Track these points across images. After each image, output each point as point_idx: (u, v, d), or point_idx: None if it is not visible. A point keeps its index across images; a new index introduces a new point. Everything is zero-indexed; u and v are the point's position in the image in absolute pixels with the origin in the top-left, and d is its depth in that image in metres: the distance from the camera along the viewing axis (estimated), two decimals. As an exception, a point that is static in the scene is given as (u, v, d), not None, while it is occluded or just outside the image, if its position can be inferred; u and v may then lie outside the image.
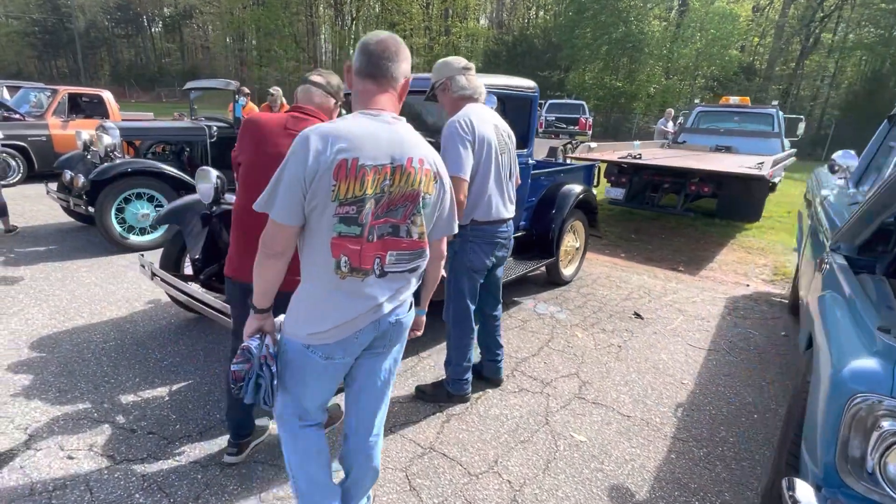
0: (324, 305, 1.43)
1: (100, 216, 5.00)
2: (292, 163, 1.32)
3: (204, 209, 3.47)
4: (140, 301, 4.09)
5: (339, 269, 1.39)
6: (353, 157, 1.32)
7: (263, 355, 1.48)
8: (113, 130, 5.35)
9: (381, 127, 1.40)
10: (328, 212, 1.34)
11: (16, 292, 4.11)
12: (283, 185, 1.32)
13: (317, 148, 1.30)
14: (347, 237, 1.37)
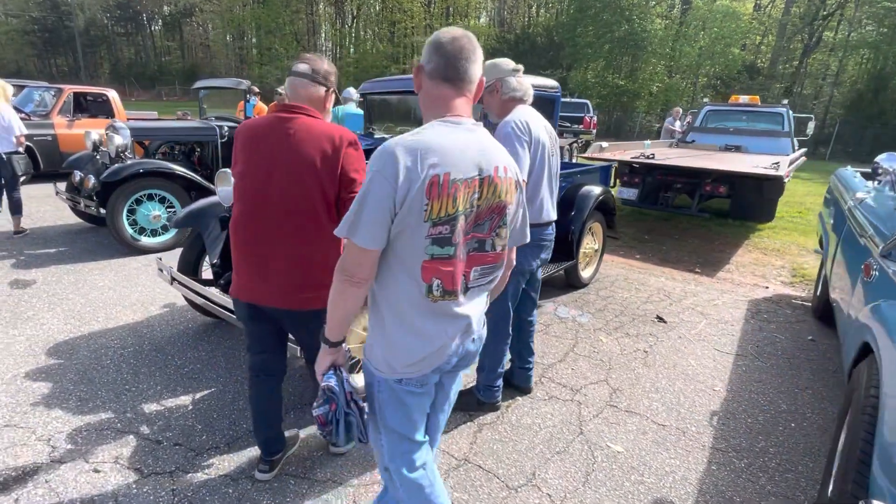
0: (415, 335, 1.32)
1: (111, 218, 4.92)
2: (378, 182, 1.19)
3: (223, 212, 3.40)
4: (155, 305, 4.01)
5: (431, 294, 1.28)
6: (444, 173, 1.20)
7: (349, 391, 1.37)
8: (123, 130, 5.27)
9: (465, 136, 1.28)
10: (420, 233, 1.22)
11: (29, 296, 4.03)
12: (369, 207, 1.19)
13: (406, 164, 1.18)
14: (440, 259, 1.26)
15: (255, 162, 1.87)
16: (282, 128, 1.84)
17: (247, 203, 1.90)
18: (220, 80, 6.76)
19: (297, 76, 1.92)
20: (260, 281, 1.92)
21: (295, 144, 1.82)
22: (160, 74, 49.35)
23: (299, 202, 1.83)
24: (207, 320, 3.76)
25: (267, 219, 1.86)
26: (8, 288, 4.17)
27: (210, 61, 53.57)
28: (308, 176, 1.81)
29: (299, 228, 1.85)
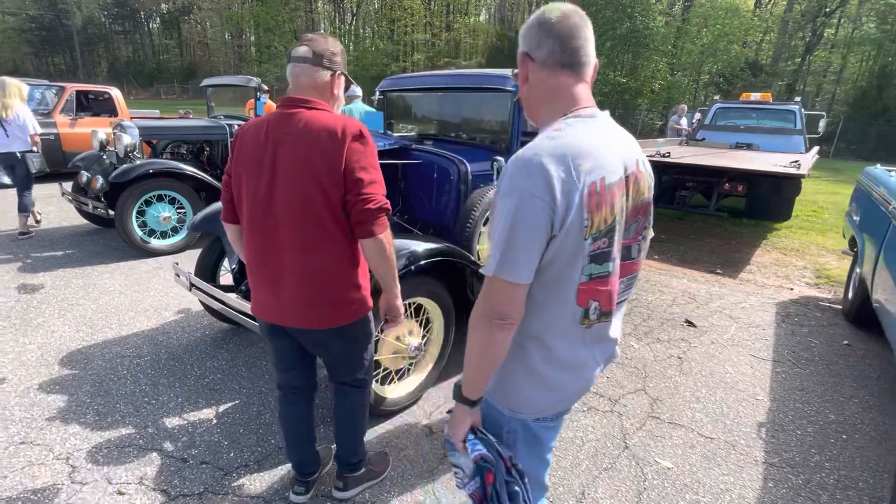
0: (567, 368, 1.16)
1: (120, 219, 4.78)
2: (527, 203, 0.98)
3: (242, 214, 3.25)
4: (169, 310, 3.87)
5: (587, 318, 1.11)
6: (600, 178, 1.02)
7: (507, 456, 1.15)
8: (132, 130, 5.12)
9: (604, 131, 1.09)
10: (580, 254, 1.04)
11: (38, 302, 3.89)
12: (522, 236, 0.99)
13: (560, 176, 0.98)
14: (599, 278, 1.08)
15: (253, 167, 1.64)
16: (280, 126, 1.61)
17: (249, 214, 1.68)
18: (230, 78, 6.60)
19: (295, 62, 1.64)
20: (273, 298, 1.73)
21: (293, 144, 1.58)
22: (158, 72, 49.10)
23: (302, 210, 1.60)
24: (225, 326, 3.62)
25: (271, 231, 1.65)
26: (16, 293, 4.03)
27: (209, 59, 53.31)
28: (307, 179, 1.57)
29: (306, 240, 1.62)
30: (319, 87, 1.67)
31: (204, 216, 3.31)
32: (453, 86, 3.64)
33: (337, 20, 48.79)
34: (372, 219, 1.60)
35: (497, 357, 1.09)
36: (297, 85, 1.66)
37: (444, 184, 3.32)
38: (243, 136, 1.70)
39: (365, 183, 1.59)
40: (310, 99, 1.64)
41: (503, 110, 3.38)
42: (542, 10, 1.10)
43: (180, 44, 55.93)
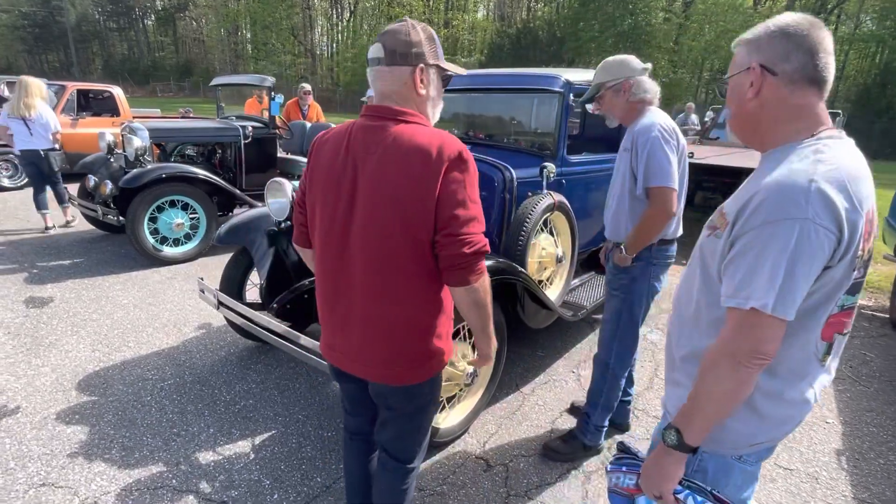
0: (794, 404, 1.07)
1: (131, 226, 4.54)
2: (809, 236, 0.89)
3: (270, 225, 3.03)
4: (188, 325, 3.64)
5: (827, 355, 1.06)
6: (871, 206, 0.97)
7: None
8: (142, 132, 4.88)
9: (857, 152, 1.01)
10: (846, 284, 0.98)
11: (48, 317, 3.65)
12: (803, 272, 0.91)
13: (844, 206, 0.90)
14: (847, 309, 1.04)
15: (330, 188, 1.37)
16: (363, 141, 1.33)
17: (321, 243, 1.43)
18: (242, 77, 6.37)
19: (371, 65, 1.36)
20: (342, 342, 1.46)
21: (376, 166, 1.29)
22: (154, 70, 48.65)
23: (379, 248, 1.31)
24: (250, 344, 3.40)
25: (345, 268, 1.38)
26: (24, 307, 3.79)
27: (205, 56, 52.83)
28: (389, 210, 1.28)
29: (381, 284, 1.34)
30: (404, 92, 1.35)
31: (230, 228, 3.08)
32: (496, 86, 3.41)
33: (335, 17, 48.41)
34: (468, 265, 1.28)
35: (742, 400, 1.00)
36: (378, 93, 1.37)
37: (487, 192, 3.10)
38: (320, 148, 1.44)
39: (461, 221, 1.26)
40: (399, 108, 1.33)
41: (550, 113, 3.16)
42: (778, 19, 1.00)
43: (176, 41, 55.40)
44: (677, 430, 1.05)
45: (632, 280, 2.19)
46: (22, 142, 5.33)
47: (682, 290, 1.24)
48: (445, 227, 1.26)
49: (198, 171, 4.86)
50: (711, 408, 1.01)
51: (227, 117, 6.08)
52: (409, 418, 1.54)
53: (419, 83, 1.35)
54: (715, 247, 1.06)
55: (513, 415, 2.79)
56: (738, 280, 0.95)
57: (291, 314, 2.90)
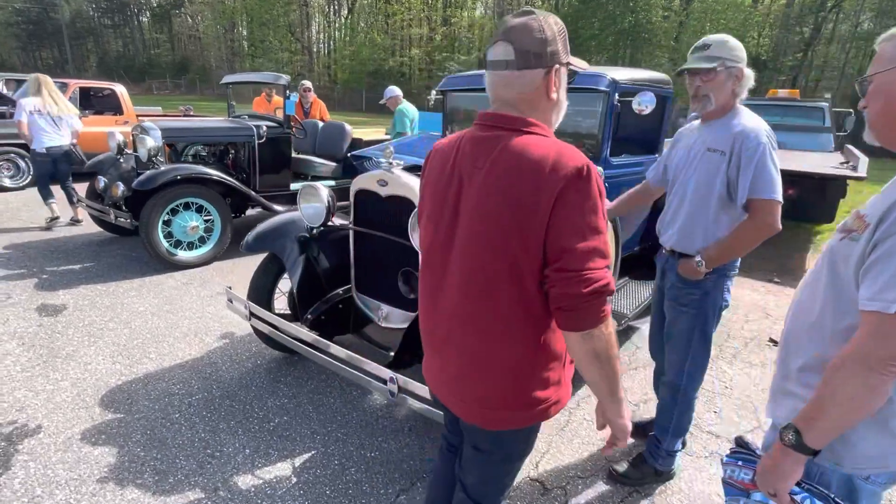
0: None
1: (145, 230, 4.37)
2: None
3: (301, 231, 2.89)
4: (210, 335, 3.48)
5: None
6: None
7: None
8: (154, 132, 4.71)
9: None
10: None
11: (63, 326, 3.49)
12: None
13: None
14: None
15: (437, 202, 1.24)
16: (471, 153, 1.17)
17: (425, 260, 1.31)
18: (255, 75, 6.21)
19: (493, 68, 1.16)
20: (438, 369, 1.33)
21: (482, 181, 1.13)
22: (150, 67, 48.24)
23: (477, 275, 1.15)
24: (276, 354, 3.25)
25: (443, 290, 1.24)
26: (37, 315, 3.62)
27: (201, 54, 52.43)
28: (489, 236, 1.11)
29: (477, 314, 1.18)
30: (532, 98, 1.15)
31: (258, 234, 2.93)
32: None
33: (332, 14, 48.10)
34: (584, 307, 1.05)
35: (874, 408, 0.96)
36: (498, 99, 1.19)
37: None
38: (433, 157, 1.30)
39: (578, 254, 1.04)
40: (517, 117, 1.14)
41: (594, 113, 3.02)
42: None
43: (171, 38, 54.95)
44: (796, 430, 1.02)
45: (704, 294, 2.02)
46: (50, 139, 5.36)
47: (805, 296, 1.17)
48: (557, 261, 1.06)
49: (214, 172, 4.69)
50: (836, 413, 0.97)
51: (238, 116, 5.91)
52: (495, 464, 1.36)
53: (553, 86, 1.16)
54: (850, 251, 1.01)
55: (561, 431, 2.66)
56: (882, 283, 0.91)
57: (325, 325, 2.77)
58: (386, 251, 2.61)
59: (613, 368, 1.12)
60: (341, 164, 6.17)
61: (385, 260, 2.63)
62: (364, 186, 2.60)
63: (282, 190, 5.54)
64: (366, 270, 2.76)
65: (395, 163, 2.51)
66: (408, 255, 2.52)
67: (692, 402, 2.19)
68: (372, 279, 2.74)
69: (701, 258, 1.94)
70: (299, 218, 2.98)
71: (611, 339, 1.09)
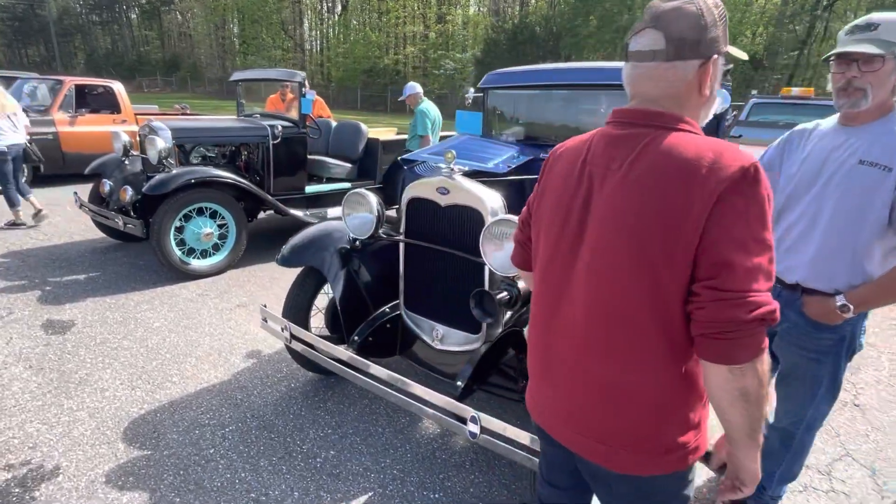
0: None
1: (157, 237, 4.07)
2: None
3: (342, 243, 2.61)
4: (235, 353, 3.20)
5: None
6: None
7: None
8: (164, 132, 4.40)
9: None
10: None
11: (73, 345, 3.19)
12: None
13: None
14: None
15: (558, 210, 1.06)
16: (604, 154, 1.00)
17: (541, 273, 1.12)
18: (268, 71, 5.91)
19: (637, 59, 0.99)
20: (549, 398, 1.12)
21: (618, 185, 0.96)
22: (139, 65, 47.49)
23: (607, 293, 0.98)
24: (311, 375, 2.97)
25: (562, 309, 1.06)
26: (43, 333, 3.32)
27: (192, 51, 51.74)
28: (626, 248, 0.94)
29: (605, 338, 1.00)
30: (681, 93, 0.97)
31: (293, 248, 2.65)
32: (582, 82, 3.01)
33: (325, 10, 47.59)
34: (744, 337, 0.87)
35: None
36: (638, 95, 1.01)
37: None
38: (555, 161, 1.11)
39: (739, 271, 0.86)
40: (661, 112, 0.97)
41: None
42: None
43: (161, 35, 54.17)
44: None
45: (839, 340, 1.70)
46: (7, 138, 5.33)
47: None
48: (712, 277, 0.88)
49: (231, 175, 4.40)
50: None
51: (250, 115, 5.60)
52: None
53: (708, 80, 0.98)
54: None
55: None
56: None
57: (372, 347, 2.51)
58: (444, 267, 2.35)
59: (761, 410, 0.95)
60: (356, 164, 5.89)
61: (442, 276, 2.37)
62: (420, 194, 2.33)
63: (297, 193, 5.25)
64: (418, 287, 2.50)
65: (457, 168, 2.25)
66: (470, 271, 2.27)
67: (807, 449, 1.93)
68: (425, 296, 2.47)
69: (846, 302, 1.58)
70: (337, 228, 2.71)
71: (765, 376, 0.92)
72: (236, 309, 3.84)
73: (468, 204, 2.19)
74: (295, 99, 5.82)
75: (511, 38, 32.58)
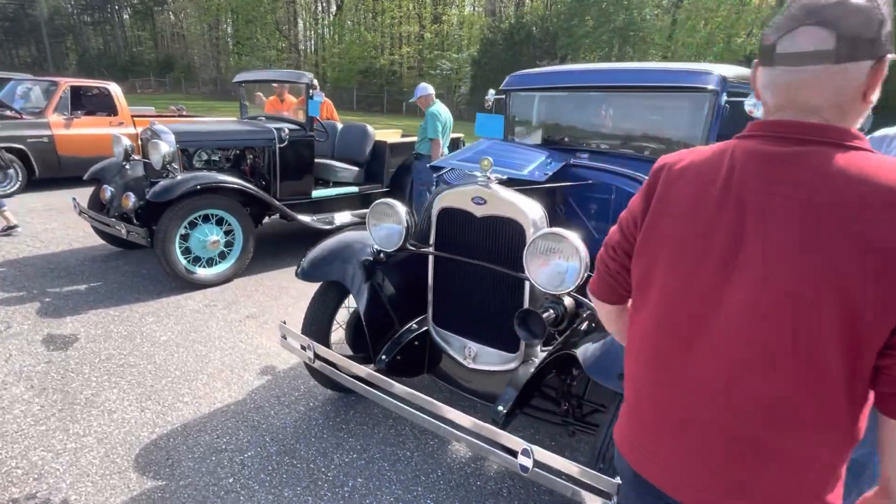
0: None
1: (162, 246, 3.90)
2: None
3: (366, 255, 2.46)
4: (249, 370, 3.04)
5: None
6: None
7: None
8: (167, 136, 4.23)
9: None
10: None
11: (76, 362, 3.02)
12: None
13: None
14: None
15: (689, 240, 0.92)
16: (760, 176, 0.85)
17: (658, 315, 0.97)
18: (273, 73, 5.75)
19: (796, 62, 0.83)
20: (665, 451, 0.98)
21: (786, 219, 0.82)
22: (132, 65, 46.98)
23: (776, 341, 0.83)
24: (330, 393, 2.82)
25: (694, 354, 0.92)
26: (44, 349, 3.15)
27: (185, 52, 51.33)
28: (818, 290, 0.79)
29: (766, 392, 0.85)
30: (843, 102, 0.83)
31: (313, 261, 2.50)
32: (625, 83, 2.85)
33: (319, 11, 47.30)
34: None
35: None
36: (797, 104, 0.85)
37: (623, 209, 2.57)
38: (675, 178, 0.95)
39: None
40: (828, 125, 0.83)
41: (696, 116, 2.63)
42: None
43: (154, 35, 53.70)
44: None
45: None
46: None
47: None
48: None
49: (238, 181, 4.24)
50: None
51: (253, 117, 5.43)
52: None
53: (877, 83, 0.83)
54: None
55: None
56: None
57: (400, 366, 2.36)
58: (478, 281, 2.20)
59: None
60: (363, 168, 5.74)
61: (476, 291, 2.23)
62: (453, 204, 2.19)
63: (303, 198, 5.09)
64: (448, 302, 2.35)
65: (493, 176, 2.10)
66: (509, 286, 2.13)
67: None
68: (457, 312, 2.32)
69: None
70: (357, 239, 2.56)
71: None
72: (246, 320, 3.68)
73: (507, 215, 2.05)
74: (300, 101, 5.67)
75: (507, 38, 32.43)
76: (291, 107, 6.68)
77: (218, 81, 44.61)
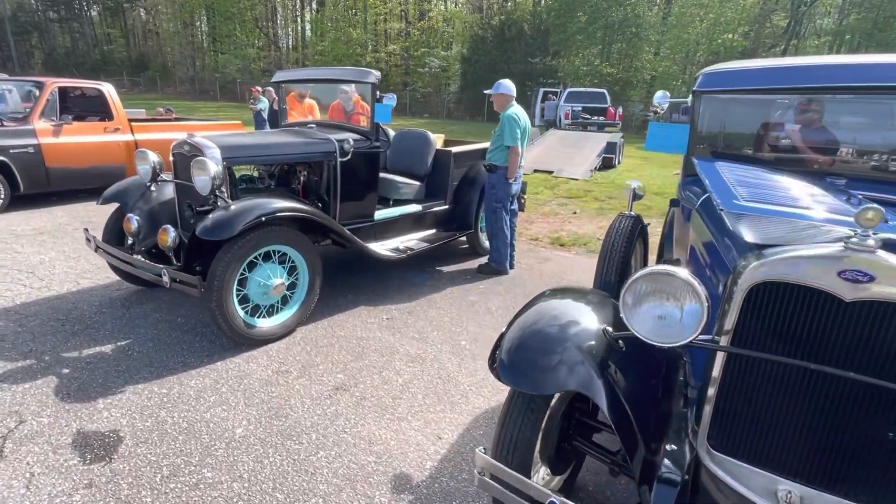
0: None
1: (218, 297, 2.99)
2: None
3: (591, 340, 1.63)
4: (375, 484, 2.18)
5: None
6: None
7: None
8: (212, 151, 3.30)
9: None
10: None
11: (130, 485, 2.11)
12: None
13: None
14: None
15: None
16: None
17: None
18: (325, 71, 4.83)
19: None
20: None
21: None
22: (104, 64, 44.81)
23: None
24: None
25: None
26: (78, 461, 2.22)
27: (160, 50, 49.35)
28: None
29: None
30: None
31: (531, 363, 1.64)
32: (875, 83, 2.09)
33: (299, 6, 45.81)
34: None
35: None
36: None
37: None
38: None
39: None
40: None
41: None
42: None
43: (126, 33, 51.48)
44: None
45: None
46: None
47: None
48: None
49: (310, 209, 3.36)
50: None
51: (301, 125, 4.51)
52: None
53: None
54: None
55: None
56: None
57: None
58: (833, 400, 1.39)
59: None
60: (424, 182, 4.88)
61: (828, 415, 1.41)
62: (792, 277, 1.37)
63: (366, 220, 4.21)
64: (752, 418, 1.52)
65: (874, 236, 1.29)
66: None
67: None
68: (775, 438, 1.50)
69: None
70: (572, 320, 1.73)
71: None
72: (336, 395, 2.81)
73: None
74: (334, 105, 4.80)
75: (498, 35, 31.62)
76: (312, 111, 5.77)
77: (195, 80, 42.88)
